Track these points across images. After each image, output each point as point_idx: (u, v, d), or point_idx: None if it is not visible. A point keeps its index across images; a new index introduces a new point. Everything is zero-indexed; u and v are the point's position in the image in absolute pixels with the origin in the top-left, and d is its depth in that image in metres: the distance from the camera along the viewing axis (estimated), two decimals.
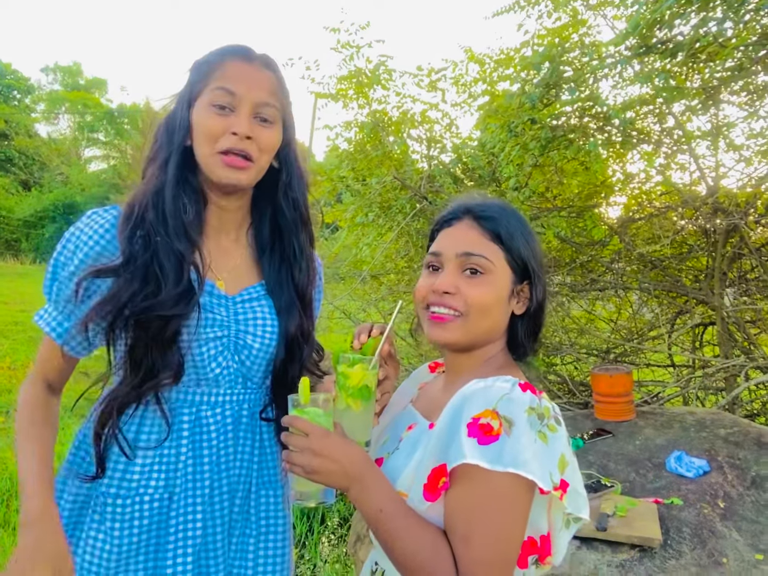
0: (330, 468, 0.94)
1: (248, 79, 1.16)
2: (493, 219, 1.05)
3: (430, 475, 0.94)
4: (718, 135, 3.47)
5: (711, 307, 3.97)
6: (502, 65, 4.01)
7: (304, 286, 1.29)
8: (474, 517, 0.89)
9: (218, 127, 1.13)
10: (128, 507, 1.16)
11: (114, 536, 1.15)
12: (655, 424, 3.05)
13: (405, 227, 4.11)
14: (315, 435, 0.96)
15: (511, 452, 0.87)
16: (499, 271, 1.04)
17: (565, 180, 4.02)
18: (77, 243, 1.16)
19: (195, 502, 1.19)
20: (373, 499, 0.94)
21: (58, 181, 28.58)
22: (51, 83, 35.23)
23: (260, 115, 1.17)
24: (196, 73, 1.19)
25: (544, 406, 0.93)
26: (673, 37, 3.14)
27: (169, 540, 1.17)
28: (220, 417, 1.22)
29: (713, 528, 2.10)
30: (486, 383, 0.94)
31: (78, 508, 1.21)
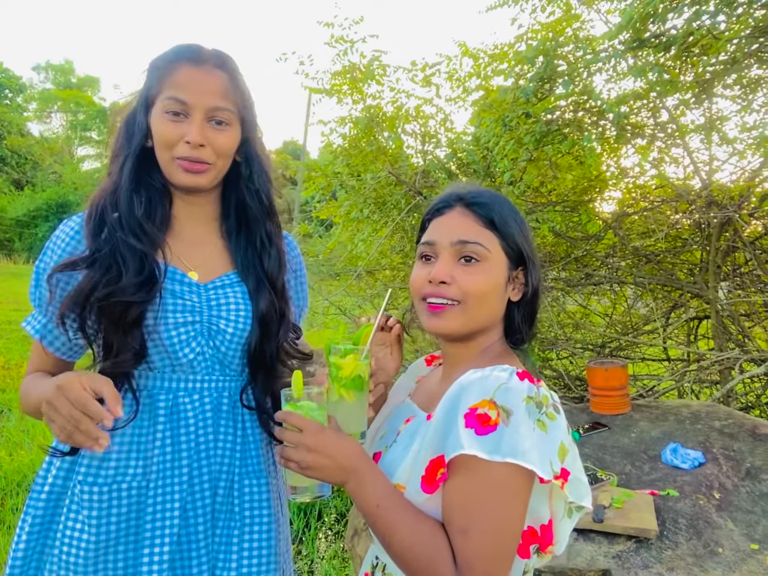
0: (325, 463, 0.94)
1: (198, 85, 1.17)
2: (485, 205, 1.04)
3: (428, 467, 0.94)
4: (712, 128, 3.48)
5: (705, 301, 3.99)
6: (497, 60, 4.01)
7: (275, 273, 1.31)
8: (472, 508, 0.88)
9: (172, 135, 1.17)
10: (105, 495, 1.17)
11: (92, 525, 1.15)
12: (650, 417, 3.06)
13: (400, 223, 4.11)
14: (309, 430, 0.95)
15: (510, 442, 0.86)
16: (495, 258, 1.02)
17: (560, 174, 4.02)
18: (53, 248, 1.22)
19: (173, 491, 1.19)
20: (370, 493, 0.94)
21: (50, 180, 28.46)
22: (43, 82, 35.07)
23: (214, 118, 1.19)
24: (150, 77, 1.22)
25: (542, 395, 0.92)
26: (666, 30, 3.15)
27: (146, 528, 1.17)
28: (198, 404, 1.23)
29: (709, 519, 2.12)
30: (483, 373, 0.94)
31: (54, 499, 1.21)
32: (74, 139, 33.04)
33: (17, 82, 33.42)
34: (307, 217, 5.83)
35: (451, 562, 0.87)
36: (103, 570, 1.16)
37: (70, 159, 31.73)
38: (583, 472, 0.96)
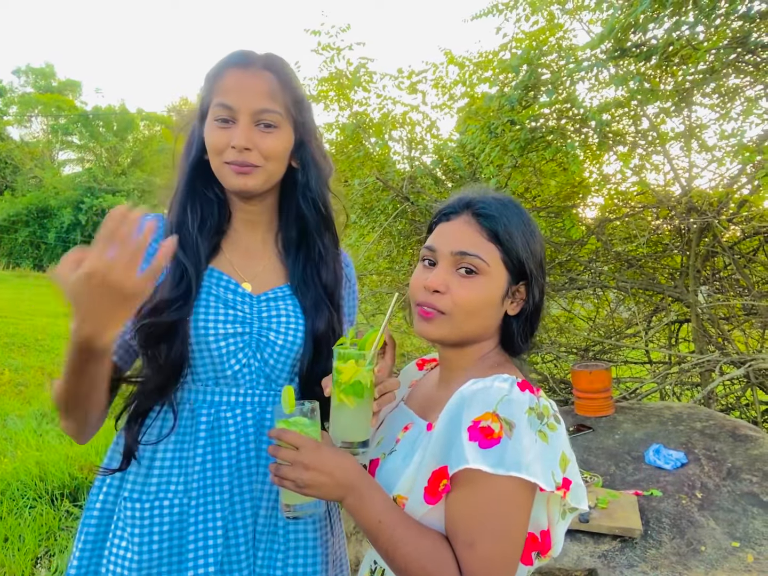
0: (322, 481, 0.93)
1: (243, 89, 1.15)
2: (492, 217, 1.01)
3: (430, 478, 0.93)
4: (691, 136, 3.56)
5: (686, 305, 4.06)
6: (482, 68, 4.06)
7: (332, 286, 1.27)
8: (477, 521, 0.88)
9: (221, 141, 1.16)
10: (146, 512, 1.14)
11: (134, 543, 1.12)
12: (633, 418, 3.11)
13: (387, 228, 4.13)
14: (305, 448, 0.94)
15: (513, 455, 0.86)
16: (494, 272, 1.00)
17: (544, 181, 4.08)
18: None
19: (215, 508, 1.15)
20: (370, 509, 0.93)
21: (31, 185, 28.07)
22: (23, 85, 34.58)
23: (262, 121, 1.16)
24: (204, 88, 1.21)
25: (543, 405, 0.93)
26: (647, 40, 3.22)
27: (189, 549, 1.14)
28: (240, 419, 1.19)
29: (691, 518, 2.16)
30: (485, 383, 0.93)
31: (106, 517, 1.19)
32: (55, 144, 32.64)
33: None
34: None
35: (458, 574, 0.88)
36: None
37: (51, 163, 31.33)
38: (579, 475, 0.96)
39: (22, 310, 11.07)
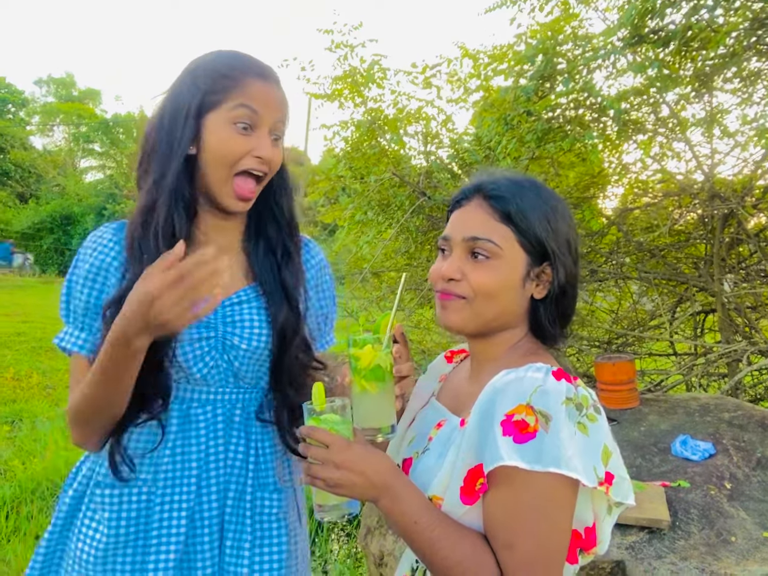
0: (354, 480, 0.89)
1: (269, 99, 1.17)
2: (502, 198, 0.98)
3: (466, 477, 0.90)
4: (713, 122, 3.49)
5: (711, 294, 3.99)
6: (496, 60, 4.03)
7: (291, 286, 1.28)
8: (516, 522, 0.85)
9: (242, 148, 1.14)
10: (116, 497, 1.19)
11: (103, 525, 1.18)
12: (659, 410, 3.06)
13: (404, 224, 4.13)
14: (336, 446, 0.90)
15: (551, 450, 0.82)
16: (508, 255, 0.96)
17: (562, 172, 4.04)
18: (82, 260, 1.20)
19: (181, 499, 1.19)
20: (406, 510, 0.89)
21: (54, 193, 28.62)
22: (45, 95, 35.30)
23: (275, 132, 1.19)
24: (209, 83, 1.15)
25: (581, 395, 0.88)
26: (665, 26, 3.17)
27: (152, 535, 1.18)
28: (210, 415, 1.22)
29: (720, 508, 2.12)
30: (517, 374, 0.89)
31: (76, 502, 1.24)
32: (77, 152, 33.22)
33: (20, 97, 33.66)
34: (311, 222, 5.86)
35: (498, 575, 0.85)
36: (111, 571, 1.17)
37: (73, 171, 31.90)
38: (624, 469, 0.91)
39: (48, 315, 11.27)
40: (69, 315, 1.20)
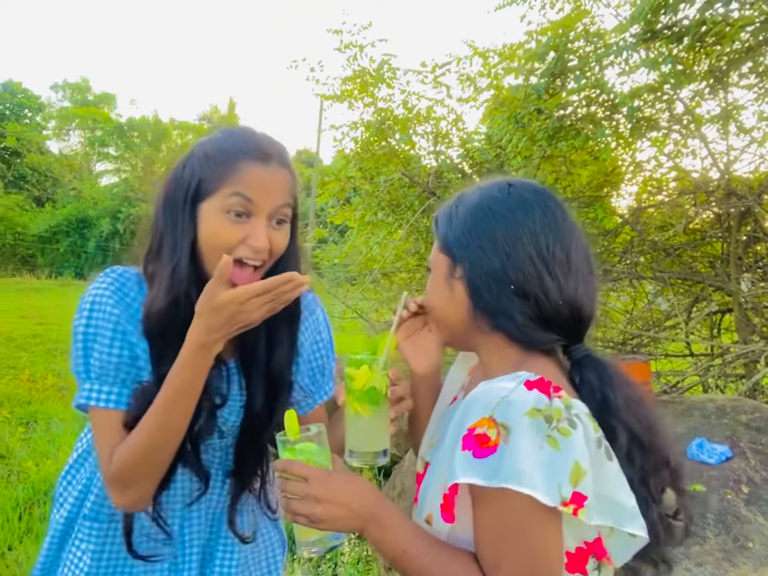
0: (338, 513, 0.86)
1: (266, 186, 1.08)
2: (435, 219, 1.05)
3: (445, 494, 0.88)
4: (728, 118, 3.43)
5: (727, 293, 3.92)
6: (507, 58, 4.00)
7: (281, 369, 1.23)
8: (497, 541, 0.82)
9: (235, 237, 1.07)
10: (102, 531, 1.22)
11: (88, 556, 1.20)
12: (674, 412, 3.01)
13: (414, 224, 4.11)
14: (315, 479, 0.87)
15: (509, 464, 0.77)
16: (435, 264, 1.02)
17: (574, 170, 3.99)
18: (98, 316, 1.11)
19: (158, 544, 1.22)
20: (393, 539, 0.87)
21: (70, 197, 28.96)
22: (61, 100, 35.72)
23: (277, 216, 1.10)
24: (205, 169, 1.10)
25: (554, 407, 0.81)
26: (678, 21, 3.12)
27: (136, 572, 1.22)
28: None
29: (737, 513, 2.07)
30: (489, 385, 0.86)
31: (68, 524, 1.26)
32: (92, 156, 33.58)
33: (36, 102, 34.10)
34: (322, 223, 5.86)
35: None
36: None
37: (89, 175, 32.24)
38: (628, 493, 0.84)
39: (64, 318, 11.38)
40: (90, 372, 1.11)
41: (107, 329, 1.10)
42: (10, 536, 3.26)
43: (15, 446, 4.69)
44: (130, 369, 1.11)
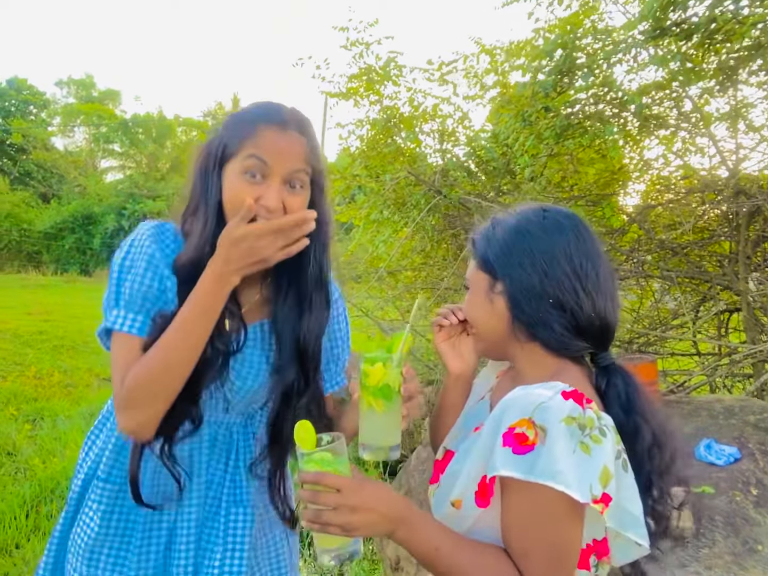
0: (371, 520, 0.90)
1: (282, 150, 1.15)
2: (477, 239, 1.14)
3: (480, 483, 0.94)
4: (737, 116, 3.40)
5: (736, 293, 3.89)
6: (514, 55, 3.97)
7: (310, 341, 1.27)
8: (524, 531, 0.89)
9: (250, 197, 1.11)
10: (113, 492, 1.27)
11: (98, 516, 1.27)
12: (682, 412, 2.99)
13: (420, 223, 4.09)
14: (349, 489, 0.90)
15: (546, 462, 0.85)
16: (473, 281, 1.12)
17: (581, 168, 3.97)
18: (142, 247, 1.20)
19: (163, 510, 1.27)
20: (425, 538, 0.92)
21: (75, 193, 29.00)
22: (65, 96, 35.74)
23: (292, 181, 1.16)
24: (229, 133, 1.19)
25: (587, 417, 0.90)
26: (687, 18, 3.09)
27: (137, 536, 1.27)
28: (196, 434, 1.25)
29: (746, 515, 2.06)
30: (527, 390, 0.94)
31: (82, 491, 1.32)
32: (97, 152, 33.59)
33: (41, 98, 34.13)
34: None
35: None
36: (96, 561, 1.27)
37: (94, 171, 32.25)
38: (637, 504, 0.92)
39: (70, 314, 11.43)
40: (120, 299, 1.18)
41: (142, 260, 1.18)
42: (18, 534, 3.28)
43: (22, 443, 4.71)
44: (156, 301, 1.17)
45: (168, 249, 1.22)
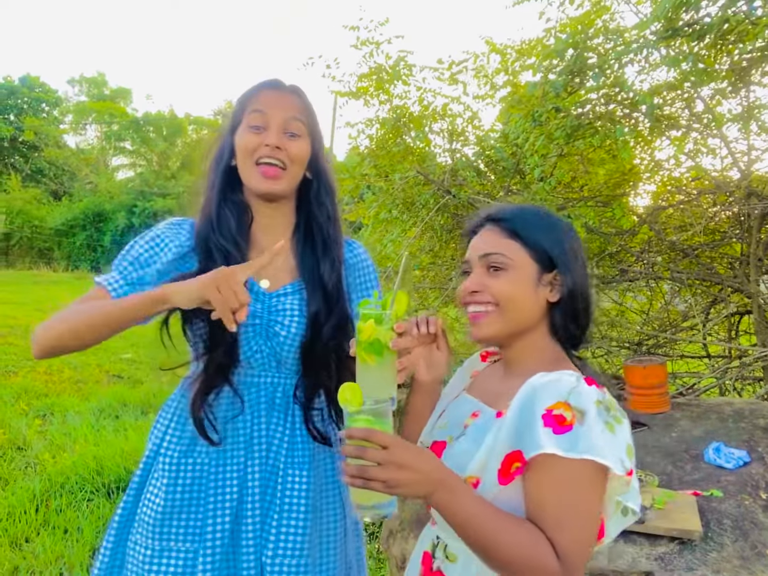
0: (414, 478, 0.92)
1: (277, 102, 1.38)
2: (508, 219, 1.15)
3: (503, 461, 0.99)
4: (750, 117, 3.37)
5: (747, 295, 3.86)
6: (524, 55, 3.96)
7: (327, 277, 1.45)
8: (561, 505, 0.95)
9: (254, 142, 1.36)
10: (174, 466, 1.37)
11: (162, 491, 1.36)
12: (691, 415, 2.97)
13: (429, 222, 4.09)
14: (396, 446, 0.92)
15: (585, 440, 0.93)
16: (519, 264, 1.11)
17: (592, 169, 3.95)
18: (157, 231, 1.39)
19: (232, 471, 1.37)
20: (463, 502, 0.94)
21: (87, 190, 29.21)
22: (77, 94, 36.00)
23: (289, 130, 1.38)
24: (237, 107, 1.43)
25: (609, 400, 1.00)
26: (700, 18, 3.07)
27: (209, 501, 1.35)
28: (254, 396, 1.40)
29: (755, 519, 2.04)
30: (552, 377, 1.01)
31: (150, 465, 1.43)
32: (109, 150, 33.81)
33: (53, 96, 34.42)
34: None
35: (554, 554, 0.92)
36: (167, 533, 1.34)
37: (105, 169, 32.47)
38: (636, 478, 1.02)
39: None
40: (121, 264, 1.35)
41: (153, 241, 1.37)
42: (27, 528, 3.31)
43: (32, 438, 4.75)
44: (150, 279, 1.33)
45: (181, 239, 1.40)
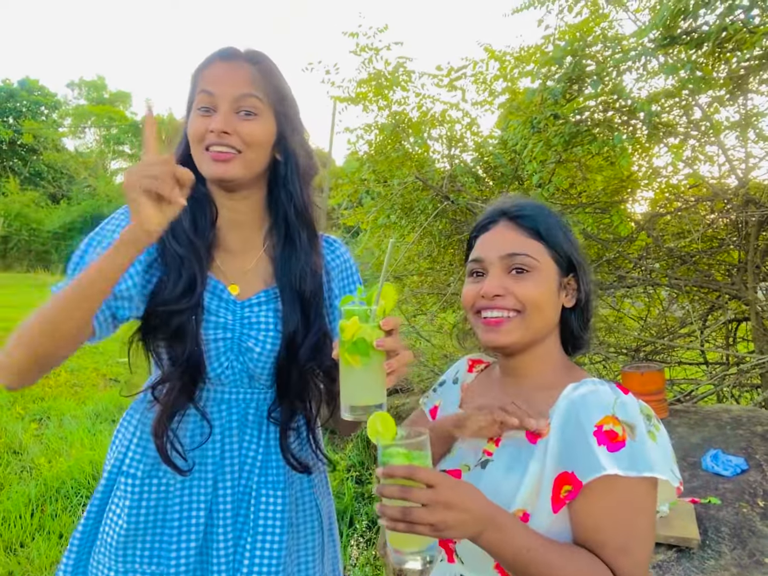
0: (463, 519, 0.83)
1: (225, 77, 1.18)
2: (530, 217, 1.06)
3: (553, 486, 0.92)
4: (747, 125, 3.38)
5: (744, 302, 3.87)
6: (523, 62, 3.98)
7: (304, 287, 1.27)
8: (623, 526, 0.89)
9: (201, 127, 1.17)
10: (137, 487, 1.24)
11: (125, 513, 1.24)
12: (689, 422, 2.97)
13: (427, 228, 4.09)
14: (443, 486, 0.82)
15: (641, 456, 0.88)
16: (544, 267, 1.03)
17: (590, 176, 3.96)
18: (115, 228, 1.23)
19: (199, 492, 1.25)
20: (515, 539, 0.86)
21: (85, 194, 29.22)
22: (77, 98, 36.08)
23: (242, 108, 1.17)
24: (190, 84, 1.24)
25: (645, 406, 0.95)
26: (698, 27, 3.08)
27: (172, 525, 1.24)
28: (225, 413, 1.26)
29: (753, 527, 2.04)
30: (587, 388, 0.95)
31: (109, 487, 1.30)
32: (107, 153, 33.87)
33: (52, 99, 34.46)
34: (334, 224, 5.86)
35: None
36: (131, 555, 1.24)
37: (104, 172, 32.51)
38: None
39: None
40: (76, 270, 1.22)
41: (107, 240, 1.21)
42: (22, 533, 3.29)
43: (28, 442, 4.74)
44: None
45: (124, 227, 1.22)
